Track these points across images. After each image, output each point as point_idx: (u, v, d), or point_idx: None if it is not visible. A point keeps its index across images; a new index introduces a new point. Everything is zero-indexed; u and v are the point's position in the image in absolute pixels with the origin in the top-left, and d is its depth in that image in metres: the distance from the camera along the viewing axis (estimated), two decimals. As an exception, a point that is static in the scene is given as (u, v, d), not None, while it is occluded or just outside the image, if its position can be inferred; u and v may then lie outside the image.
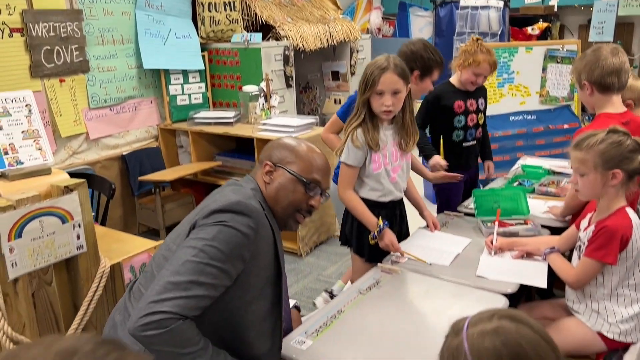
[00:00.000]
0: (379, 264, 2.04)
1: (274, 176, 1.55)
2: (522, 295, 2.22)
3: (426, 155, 2.79)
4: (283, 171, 1.55)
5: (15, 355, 0.52)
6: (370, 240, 2.11)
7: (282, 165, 1.56)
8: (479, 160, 3.10)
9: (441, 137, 2.95)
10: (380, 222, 2.08)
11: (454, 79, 2.92)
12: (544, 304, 2.08)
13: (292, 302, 1.71)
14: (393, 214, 2.25)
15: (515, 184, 2.82)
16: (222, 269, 1.33)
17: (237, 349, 1.43)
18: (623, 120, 2.07)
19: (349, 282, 2.11)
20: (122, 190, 4.06)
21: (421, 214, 2.38)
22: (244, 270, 1.40)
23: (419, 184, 4.74)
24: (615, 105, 2.15)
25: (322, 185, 1.58)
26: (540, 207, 2.51)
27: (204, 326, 1.34)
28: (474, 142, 2.95)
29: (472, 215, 2.46)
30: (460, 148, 2.91)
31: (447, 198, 2.89)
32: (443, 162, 2.68)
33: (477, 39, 2.77)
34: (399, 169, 2.22)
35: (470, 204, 2.57)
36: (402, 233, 2.32)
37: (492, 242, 2.09)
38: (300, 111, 5.30)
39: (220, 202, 1.42)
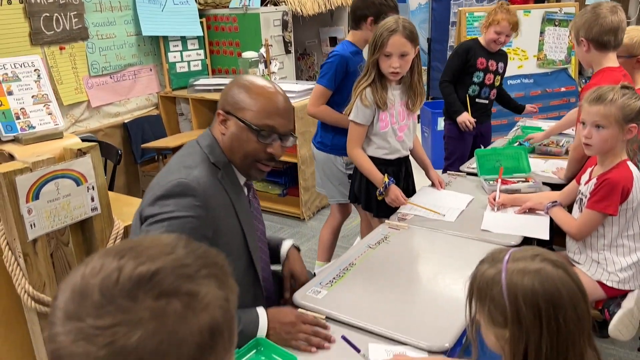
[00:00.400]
0: (386, 221, 2.11)
1: (228, 125, 1.45)
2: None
3: (455, 112, 3.07)
4: (235, 120, 1.43)
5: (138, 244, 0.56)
6: (377, 197, 2.18)
7: (233, 113, 1.44)
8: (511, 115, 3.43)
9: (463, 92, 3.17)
10: (386, 179, 2.16)
11: (481, 39, 3.14)
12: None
13: (289, 243, 1.71)
14: (399, 171, 2.32)
15: (516, 144, 2.88)
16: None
17: None
18: (623, 72, 2.14)
19: (359, 238, 2.18)
20: (125, 158, 4.09)
21: (427, 173, 2.44)
22: (211, 244, 1.36)
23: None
24: (611, 61, 2.20)
25: (278, 131, 1.44)
26: (540, 166, 2.58)
27: None
28: (486, 101, 3.19)
29: (475, 174, 2.53)
30: (473, 102, 3.14)
31: (456, 151, 3.14)
32: (471, 119, 3.00)
33: (502, 3, 3.03)
34: (405, 128, 2.27)
35: (472, 163, 2.63)
36: (409, 190, 2.39)
37: (494, 199, 2.16)
38: (298, 78, 5.30)
39: (162, 184, 1.37)
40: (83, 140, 2.60)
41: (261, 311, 1.43)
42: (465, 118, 3.05)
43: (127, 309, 0.49)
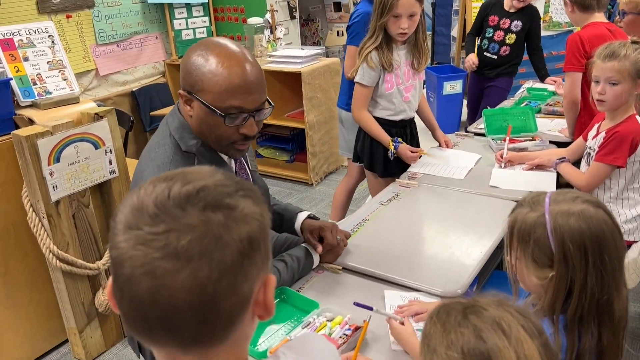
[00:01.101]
0: (397, 180, 2.17)
1: (193, 106, 1.30)
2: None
3: (467, 52, 3.54)
4: (198, 102, 1.27)
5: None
6: (390, 158, 2.23)
7: (194, 94, 1.27)
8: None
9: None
10: (391, 146, 2.20)
11: None
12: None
13: (305, 214, 1.67)
14: (404, 132, 2.36)
15: (523, 105, 2.91)
16: None
17: None
18: (610, 27, 2.23)
19: (370, 197, 2.24)
20: (134, 126, 4.12)
21: (433, 133, 2.49)
22: None
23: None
24: (597, 20, 2.31)
25: (246, 109, 1.27)
26: (547, 125, 2.62)
27: None
28: (495, 56, 3.44)
29: (482, 135, 2.57)
30: (482, 55, 3.49)
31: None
32: (475, 61, 3.45)
33: None
34: (411, 89, 2.30)
35: (480, 124, 2.67)
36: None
37: (502, 157, 2.20)
38: (303, 44, 5.29)
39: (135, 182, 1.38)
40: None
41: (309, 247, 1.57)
42: (470, 58, 3.48)
43: (178, 217, 0.56)
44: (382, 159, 2.31)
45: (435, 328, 0.75)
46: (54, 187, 2.02)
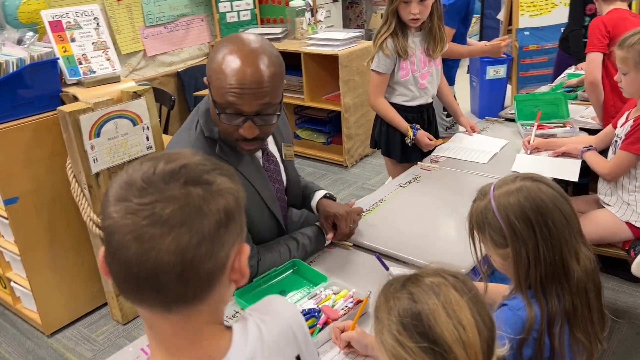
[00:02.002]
0: (418, 162, 2.20)
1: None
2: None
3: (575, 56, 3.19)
4: (210, 93, 1.31)
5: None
6: (409, 144, 2.27)
7: (209, 82, 1.31)
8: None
9: None
10: (410, 132, 2.22)
11: None
12: (577, 199, 2.20)
13: (322, 193, 1.72)
14: (420, 118, 2.36)
15: (559, 91, 2.85)
16: None
17: None
18: (631, 14, 2.31)
19: (390, 178, 2.28)
20: (179, 105, 4.29)
21: (457, 119, 2.49)
22: None
23: (466, 102, 4.76)
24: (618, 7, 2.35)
25: (242, 111, 1.27)
26: (581, 112, 2.57)
27: None
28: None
29: (513, 120, 2.55)
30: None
31: None
32: None
33: None
34: (427, 75, 2.30)
35: (511, 109, 2.65)
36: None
37: (529, 142, 2.19)
38: (346, 27, 5.30)
39: None
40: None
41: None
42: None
43: (163, 190, 0.65)
44: (399, 145, 2.33)
45: (380, 300, 0.84)
46: (94, 160, 2.17)
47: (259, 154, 1.54)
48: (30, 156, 2.19)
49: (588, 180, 2.36)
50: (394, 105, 2.31)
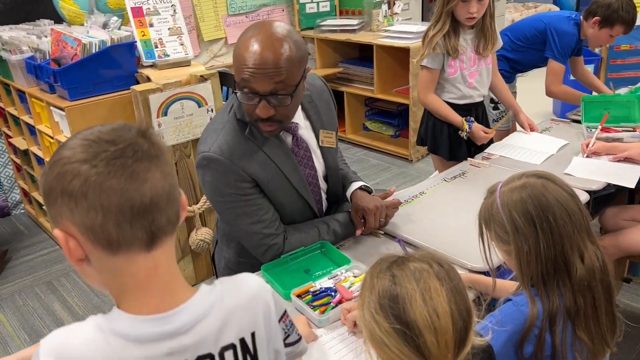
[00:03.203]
0: (468, 158, 2.17)
1: None
2: (613, 199, 2.22)
3: None
4: None
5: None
6: (464, 138, 2.24)
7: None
8: None
9: None
10: (466, 126, 2.20)
11: None
12: (634, 207, 2.08)
13: (358, 184, 1.73)
14: (469, 115, 2.30)
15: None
16: (237, 201, 1.48)
17: None
18: None
19: (437, 172, 2.27)
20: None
21: (516, 117, 2.42)
22: (261, 190, 1.52)
23: (546, 100, 4.56)
24: None
25: (255, 89, 1.33)
26: (657, 117, 2.40)
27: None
28: None
29: (579, 122, 2.44)
30: None
31: None
32: None
33: None
34: (476, 74, 2.25)
35: (580, 110, 2.53)
36: None
37: (587, 146, 2.10)
38: (426, 20, 5.23)
39: (198, 151, 1.50)
40: (220, 73, 2.99)
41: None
42: None
43: (127, 137, 0.72)
44: (447, 142, 2.31)
45: (366, 277, 0.89)
46: (161, 137, 2.35)
47: (289, 138, 1.57)
48: (106, 130, 2.42)
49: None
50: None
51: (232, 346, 0.78)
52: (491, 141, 2.33)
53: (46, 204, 0.73)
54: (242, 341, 0.80)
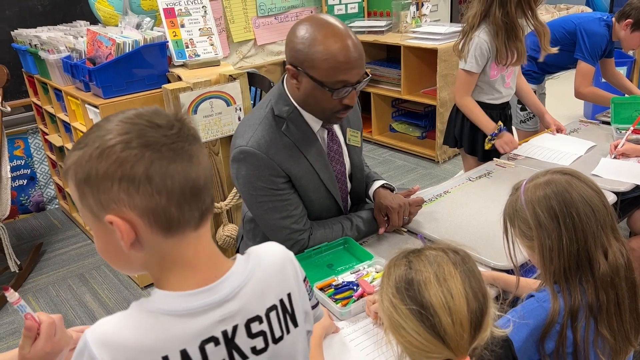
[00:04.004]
0: (494, 159, 2.17)
1: (300, 80, 1.44)
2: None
3: None
4: (306, 77, 1.41)
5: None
6: (485, 144, 2.24)
7: (303, 70, 1.41)
8: None
9: None
10: (498, 126, 2.19)
11: None
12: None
13: (380, 183, 1.75)
14: (503, 114, 2.35)
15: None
16: (269, 195, 1.52)
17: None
18: None
19: (462, 171, 2.27)
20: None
21: (542, 118, 2.40)
22: (292, 186, 1.56)
23: (577, 103, 4.48)
24: None
25: (351, 83, 1.41)
26: (691, 119, 2.35)
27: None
28: None
29: (609, 123, 2.41)
30: None
31: None
32: None
33: None
34: (511, 74, 2.29)
35: (610, 112, 2.49)
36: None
37: (616, 147, 2.07)
38: (456, 22, 5.21)
39: (232, 147, 1.53)
40: (248, 73, 3.04)
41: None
42: None
43: (170, 119, 0.75)
44: (482, 143, 2.31)
45: (385, 267, 0.92)
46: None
47: (325, 134, 1.62)
48: (138, 127, 2.49)
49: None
50: (481, 104, 2.30)
51: (274, 307, 0.82)
52: None
53: (94, 192, 0.71)
54: (281, 302, 0.84)
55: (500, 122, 2.22)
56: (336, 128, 1.67)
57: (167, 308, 0.73)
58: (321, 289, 1.43)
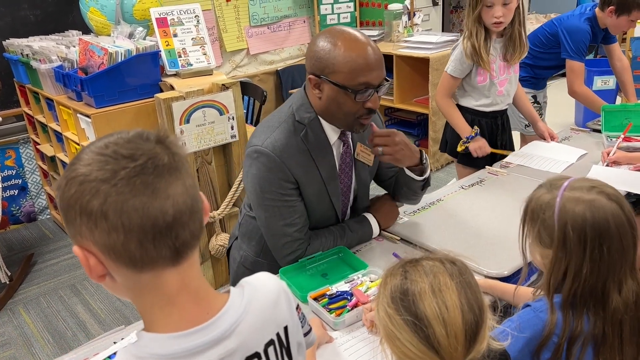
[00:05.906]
0: (487, 167, 2.18)
1: (322, 89, 1.46)
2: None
3: None
4: (329, 84, 1.43)
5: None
6: (459, 146, 2.25)
7: (325, 76, 1.43)
8: None
9: None
10: (474, 131, 2.21)
11: None
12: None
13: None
14: (494, 124, 2.34)
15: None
16: (276, 199, 1.52)
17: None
18: None
19: (455, 179, 2.27)
20: (276, 101, 4.54)
21: (534, 126, 2.42)
22: (299, 193, 1.56)
23: (568, 111, 4.52)
24: None
25: (373, 85, 1.44)
26: (680, 127, 2.38)
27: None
28: None
29: (599, 131, 2.42)
30: None
31: None
32: None
33: None
34: (505, 82, 2.27)
35: (600, 120, 2.51)
36: (505, 144, 2.40)
37: (608, 154, 2.08)
38: (447, 31, 5.24)
39: (249, 144, 1.54)
40: (241, 83, 3.05)
41: (369, 217, 1.71)
42: None
43: (145, 148, 0.68)
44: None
45: (382, 277, 0.91)
46: (183, 144, 2.41)
47: (340, 146, 1.62)
48: (130, 137, 2.48)
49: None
50: (467, 108, 2.31)
51: (272, 342, 0.79)
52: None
53: (64, 221, 0.69)
54: (278, 336, 0.81)
55: (476, 127, 2.24)
56: (351, 142, 1.65)
57: (159, 352, 0.69)
58: (315, 299, 1.42)
